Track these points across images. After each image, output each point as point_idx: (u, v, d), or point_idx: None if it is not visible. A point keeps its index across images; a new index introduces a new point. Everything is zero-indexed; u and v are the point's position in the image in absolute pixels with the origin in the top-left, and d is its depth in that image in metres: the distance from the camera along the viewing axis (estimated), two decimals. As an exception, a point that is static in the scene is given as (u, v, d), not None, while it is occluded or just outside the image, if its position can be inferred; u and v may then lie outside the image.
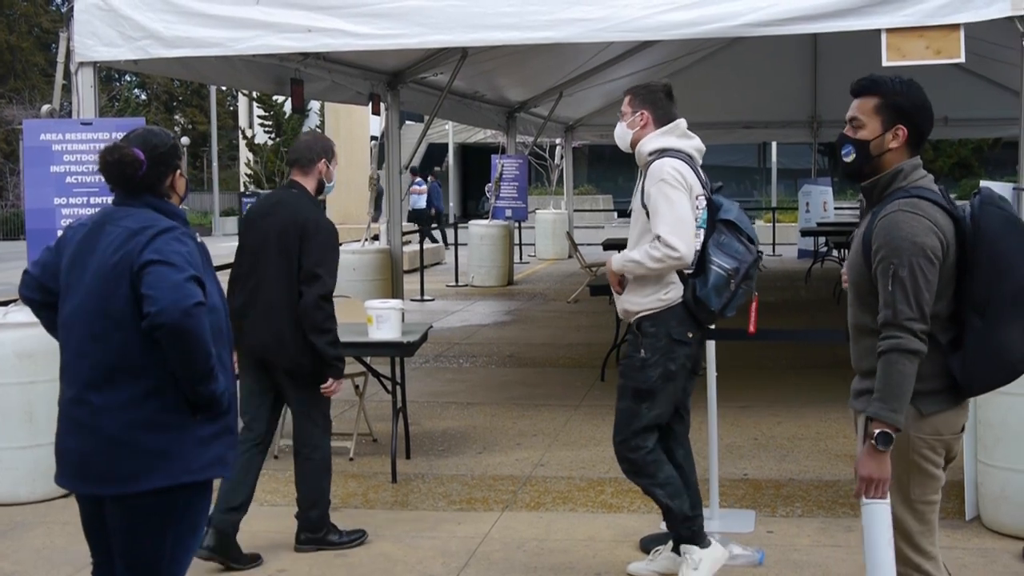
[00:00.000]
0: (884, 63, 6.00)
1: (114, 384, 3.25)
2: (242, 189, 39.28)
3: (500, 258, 17.50)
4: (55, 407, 3.44)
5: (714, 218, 4.65)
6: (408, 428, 7.10)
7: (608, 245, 14.12)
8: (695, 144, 4.77)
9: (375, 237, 12.29)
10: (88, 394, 3.28)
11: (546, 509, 5.95)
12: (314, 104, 30.26)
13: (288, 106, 30.12)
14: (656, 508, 4.99)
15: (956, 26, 6.00)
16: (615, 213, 35.11)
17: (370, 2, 6.58)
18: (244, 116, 42.58)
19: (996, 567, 4.99)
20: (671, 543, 4.88)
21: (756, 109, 18.17)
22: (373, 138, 14.74)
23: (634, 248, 4.65)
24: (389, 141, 11.47)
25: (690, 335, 4.65)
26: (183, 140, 33.23)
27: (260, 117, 39.48)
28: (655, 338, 4.62)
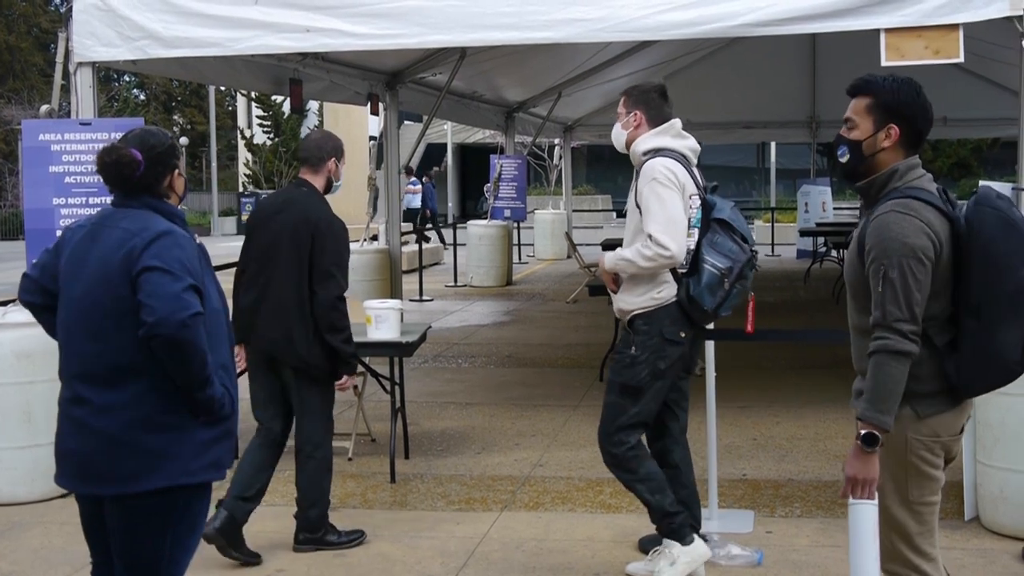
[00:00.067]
0: (883, 63, 6.00)
1: (114, 384, 3.25)
2: (241, 189, 39.29)
3: (499, 258, 17.50)
4: (54, 407, 3.45)
5: (708, 217, 4.66)
6: (407, 428, 7.10)
7: (607, 245, 14.05)
8: (689, 144, 4.77)
9: (374, 237, 12.27)
10: (88, 394, 3.28)
11: (545, 509, 5.95)
12: (313, 104, 30.22)
13: (287, 106, 30.14)
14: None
15: (955, 26, 6.00)
16: (614, 213, 35.07)
17: (369, 2, 6.58)
18: (243, 116, 42.54)
19: (995, 567, 4.99)
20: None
21: (755, 109, 18.16)
22: (372, 138, 14.72)
23: (628, 247, 4.66)
24: (388, 141, 11.46)
25: (682, 335, 4.66)
26: (182, 140, 33.25)
27: (259, 117, 39.44)
28: (647, 336, 4.64)
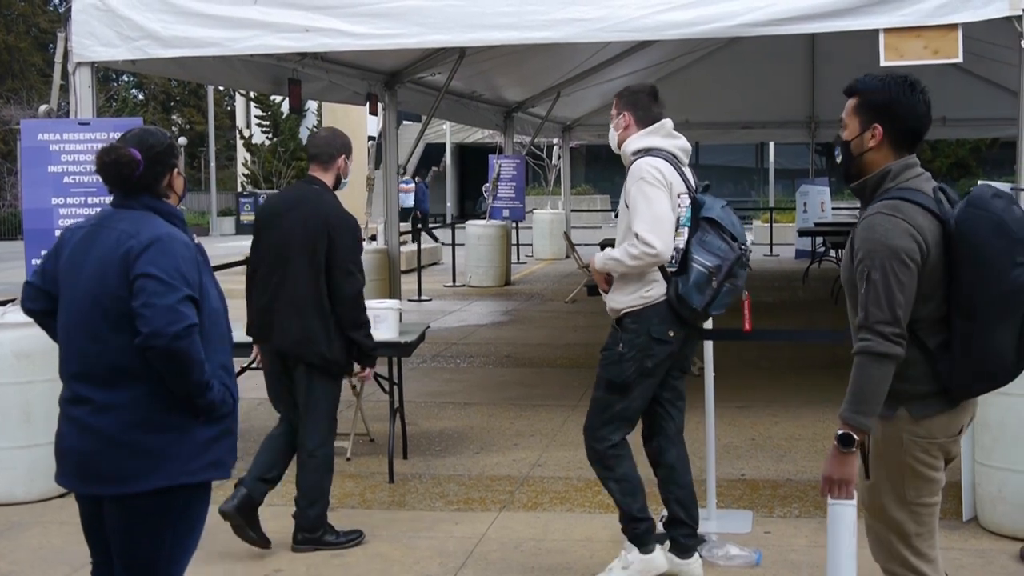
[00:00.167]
0: (882, 63, 6.00)
1: (113, 384, 3.25)
2: (239, 189, 39.27)
3: (497, 258, 17.50)
4: (53, 407, 3.45)
5: (698, 216, 4.66)
6: (405, 428, 7.10)
7: (605, 245, 14.01)
8: (680, 144, 4.78)
9: (372, 237, 12.27)
10: (88, 394, 3.28)
11: (543, 509, 5.95)
12: (311, 104, 30.17)
13: (286, 106, 30.19)
14: (655, 509, 5.00)
15: (954, 26, 6.00)
16: (612, 213, 35.00)
17: (368, 2, 6.58)
18: (241, 116, 42.50)
19: (993, 568, 4.99)
20: (668, 543, 4.88)
21: (754, 109, 18.16)
22: (371, 138, 14.70)
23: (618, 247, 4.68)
24: (386, 141, 11.47)
25: (671, 333, 4.66)
26: (180, 140, 33.20)
27: (258, 117, 39.42)
28: (635, 334, 4.65)
